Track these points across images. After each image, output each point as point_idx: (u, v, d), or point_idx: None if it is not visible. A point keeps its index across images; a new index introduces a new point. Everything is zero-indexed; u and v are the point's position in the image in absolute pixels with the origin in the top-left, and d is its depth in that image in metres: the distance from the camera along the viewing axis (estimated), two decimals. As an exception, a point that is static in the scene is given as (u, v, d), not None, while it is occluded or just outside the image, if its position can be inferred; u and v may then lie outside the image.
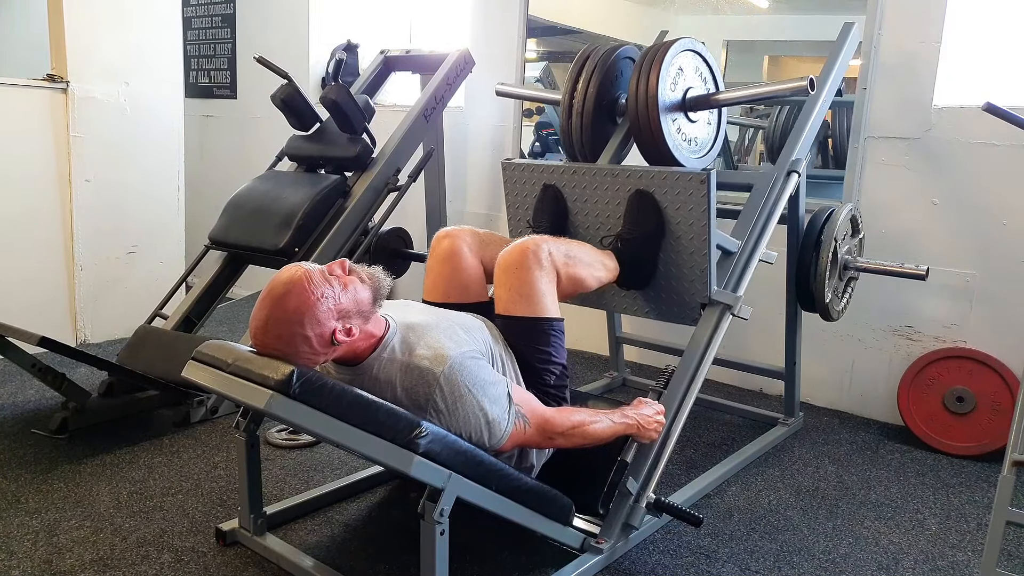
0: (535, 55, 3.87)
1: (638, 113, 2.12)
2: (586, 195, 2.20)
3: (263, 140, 4.16)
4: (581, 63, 2.29)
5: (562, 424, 1.71)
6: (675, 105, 2.16)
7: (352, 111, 2.94)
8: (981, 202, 2.65)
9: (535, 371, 1.81)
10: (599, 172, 2.16)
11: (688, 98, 2.19)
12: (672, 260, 2.10)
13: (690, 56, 2.21)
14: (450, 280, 1.95)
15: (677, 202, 2.04)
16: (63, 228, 3.34)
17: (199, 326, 3.00)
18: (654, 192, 2.06)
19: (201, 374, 1.49)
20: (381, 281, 1.58)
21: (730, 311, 2.06)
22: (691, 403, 1.98)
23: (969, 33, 2.70)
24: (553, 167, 2.26)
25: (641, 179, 2.08)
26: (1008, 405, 2.54)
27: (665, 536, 2.00)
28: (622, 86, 2.33)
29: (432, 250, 2.00)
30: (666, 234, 2.08)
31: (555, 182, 2.25)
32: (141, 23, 3.45)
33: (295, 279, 1.46)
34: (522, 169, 2.32)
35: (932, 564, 1.93)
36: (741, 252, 2.17)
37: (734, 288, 2.13)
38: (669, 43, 2.14)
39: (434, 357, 1.56)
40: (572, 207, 2.23)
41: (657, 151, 2.16)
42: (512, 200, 2.37)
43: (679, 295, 2.13)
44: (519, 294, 1.80)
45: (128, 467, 2.27)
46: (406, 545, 1.86)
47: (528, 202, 2.32)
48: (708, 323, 2.06)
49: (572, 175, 2.21)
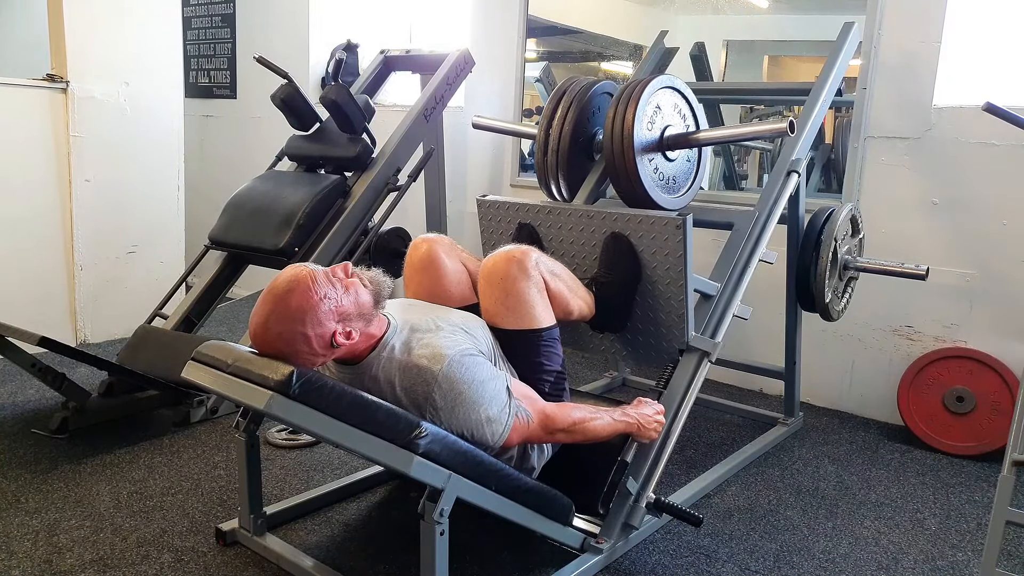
0: (535, 55, 3.88)
1: (614, 153, 2.08)
2: (562, 235, 2.15)
3: (263, 140, 4.16)
4: (558, 98, 2.25)
5: (564, 419, 1.71)
6: (652, 145, 2.11)
7: (352, 111, 2.94)
8: (981, 202, 2.65)
9: (528, 381, 1.77)
10: (574, 213, 2.10)
11: (666, 137, 2.14)
12: (649, 304, 2.03)
13: (668, 93, 2.17)
14: (430, 290, 1.88)
15: (653, 246, 1.97)
16: (63, 228, 3.34)
17: (199, 326, 3.00)
18: (630, 235, 2.00)
19: (201, 374, 1.49)
20: (382, 285, 1.59)
21: (708, 358, 2.01)
22: (691, 403, 1.98)
23: (969, 33, 2.70)
24: (528, 206, 2.21)
25: (616, 222, 2.02)
26: (1008, 405, 2.54)
27: (665, 536, 2.00)
28: (599, 122, 2.28)
29: (408, 260, 1.92)
30: (642, 278, 2.02)
31: (530, 221, 2.20)
32: (141, 23, 3.45)
33: (299, 278, 1.47)
34: (497, 207, 2.27)
35: (932, 564, 1.93)
36: (720, 295, 2.11)
37: (712, 334, 2.07)
38: (646, 80, 2.10)
39: (432, 356, 1.56)
40: (548, 246, 2.17)
41: (633, 192, 2.12)
42: (487, 237, 2.32)
43: (656, 340, 2.06)
44: (505, 307, 1.74)
45: (128, 467, 2.27)
46: (406, 545, 1.86)
47: (503, 240, 2.24)
48: (686, 370, 2.00)
49: (548, 215, 2.16)
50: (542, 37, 3.87)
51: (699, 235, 2.40)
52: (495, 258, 1.77)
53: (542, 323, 1.77)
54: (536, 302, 1.75)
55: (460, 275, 1.91)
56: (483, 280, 1.78)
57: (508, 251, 1.77)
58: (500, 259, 1.76)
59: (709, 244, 3.09)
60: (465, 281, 1.91)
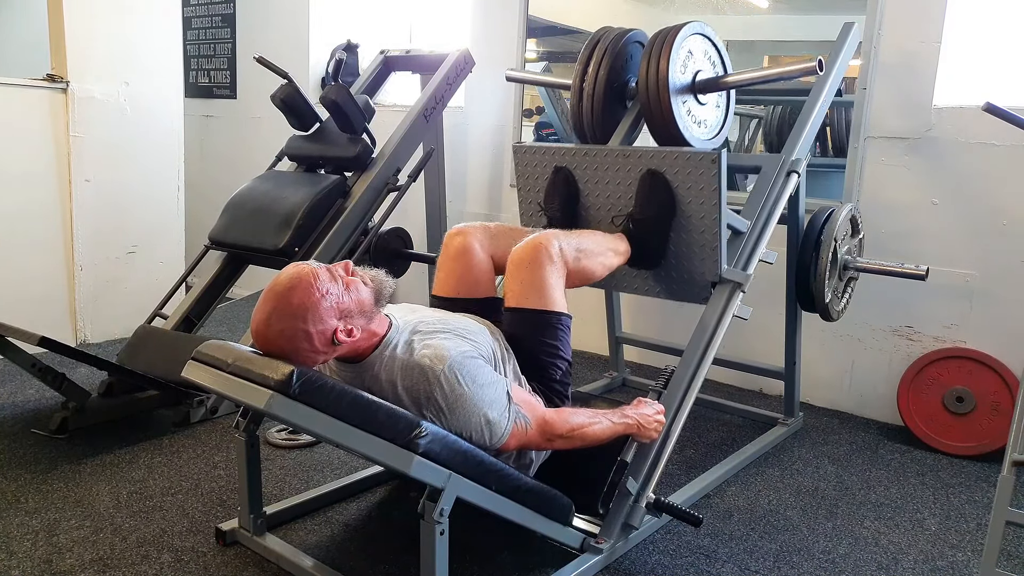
0: (535, 55, 3.87)
1: (649, 95, 2.16)
2: (597, 176, 2.22)
3: (263, 140, 4.16)
4: (591, 47, 2.31)
5: (562, 425, 1.71)
6: (685, 87, 2.20)
7: (352, 111, 2.94)
8: (981, 202, 2.65)
9: (542, 365, 1.83)
10: (611, 153, 2.19)
11: (697, 81, 2.22)
12: (683, 239, 2.12)
13: (699, 40, 2.23)
14: (461, 277, 1.97)
15: (688, 182, 2.06)
16: (63, 228, 3.34)
17: (199, 326, 3.00)
18: (665, 172, 2.09)
19: (201, 374, 1.49)
20: (384, 284, 1.59)
21: (740, 289, 2.09)
22: (691, 403, 1.98)
23: (969, 33, 2.70)
24: (564, 149, 2.28)
25: (652, 159, 2.10)
26: (1008, 405, 2.54)
27: (665, 536, 2.00)
28: (631, 70, 2.36)
29: (444, 247, 2.02)
30: (677, 214, 2.10)
31: (566, 164, 2.27)
32: (141, 23, 3.45)
33: (301, 275, 1.47)
34: (533, 152, 2.35)
35: (932, 564, 1.93)
36: (751, 232, 2.20)
37: (744, 267, 2.16)
38: (679, 27, 2.18)
39: (435, 356, 1.56)
40: (583, 188, 2.26)
41: (668, 132, 2.20)
42: (523, 183, 2.39)
43: (689, 274, 2.15)
44: (530, 287, 1.83)
45: (128, 467, 2.27)
46: (406, 545, 1.86)
47: (539, 184, 2.35)
48: (718, 302, 2.09)
49: (584, 156, 2.23)
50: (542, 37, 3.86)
51: None
52: (522, 246, 1.87)
53: (560, 308, 1.85)
54: (556, 287, 1.85)
55: (487, 268, 2.00)
56: (511, 264, 1.88)
57: (534, 238, 1.87)
58: (527, 245, 1.86)
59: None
60: (490, 275, 2.01)
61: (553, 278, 1.84)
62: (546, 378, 1.83)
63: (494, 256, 2.01)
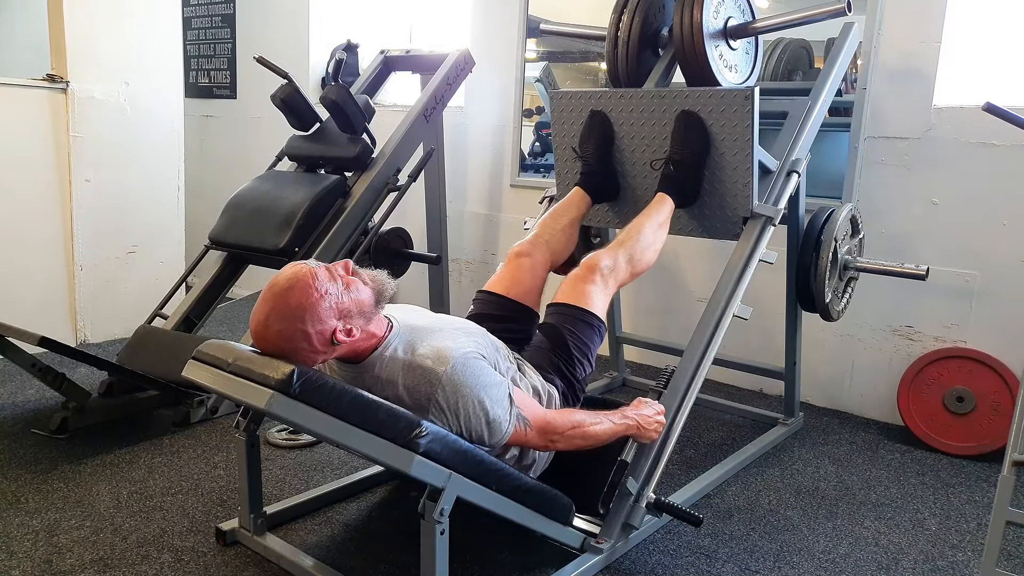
0: (535, 55, 3.87)
1: (683, 40, 2.26)
2: (632, 118, 2.28)
3: (263, 140, 4.17)
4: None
5: (562, 426, 1.71)
6: (717, 32, 2.29)
7: (352, 111, 2.94)
8: (981, 202, 2.65)
9: (571, 359, 1.89)
10: (646, 95, 2.25)
11: (729, 26, 2.31)
12: (716, 177, 2.19)
13: None
14: (517, 281, 2.06)
15: (722, 119, 2.12)
16: (63, 228, 3.34)
17: (199, 326, 3.00)
18: (699, 111, 2.15)
19: (201, 374, 1.49)
20: (384, 284, 1.59)
21: (771, 223, 2.17)
22: (691, 403, 1.98)
23: (969, 33, 2.70)
24: (601, 93, 2.35)
25: (687, 99, 2.17)
26: (1008, 405, 2.54)
27: (665, 536, 2.00)
28: (664, 20, 2.46)
29: (508, 260, 2.13)
30: (711, 152, 2.17)
31: (602, 107, 2.32)
32: (141, 23, 3.45)
33: (299, 275, 1.47)
34: (570, 97, 2.40)
35: (932, 564, 1.93)
36: (779, 171, 2.28)
37: (775, 203, 2.23)
38: None
39: (437, 357, 1.56)
40: (619, 131, 2.32)
41: (702, 76, 2.29)
42: (559, 128, 2.45)
43: (722, 210, 2.23)
44: (580, 292, 1.97)
45: (128, 467, 2.27)
46: (406, 545, 1.86)
47: (575, 130, 2.40)
48: (750, 235, 2.16)
49: (620, 99, 2.29)
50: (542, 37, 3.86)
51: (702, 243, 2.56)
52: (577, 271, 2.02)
53: (598, 313, 1.96)
54: (598, 299, 1.98)
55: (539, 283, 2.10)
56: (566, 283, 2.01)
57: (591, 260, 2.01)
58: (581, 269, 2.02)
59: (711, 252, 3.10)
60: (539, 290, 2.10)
61: (598, 293, 1.97)
62: (571, 374, 1.89)
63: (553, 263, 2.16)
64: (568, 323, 1.93)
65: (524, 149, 3.74)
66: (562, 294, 1.99)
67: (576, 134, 2.39)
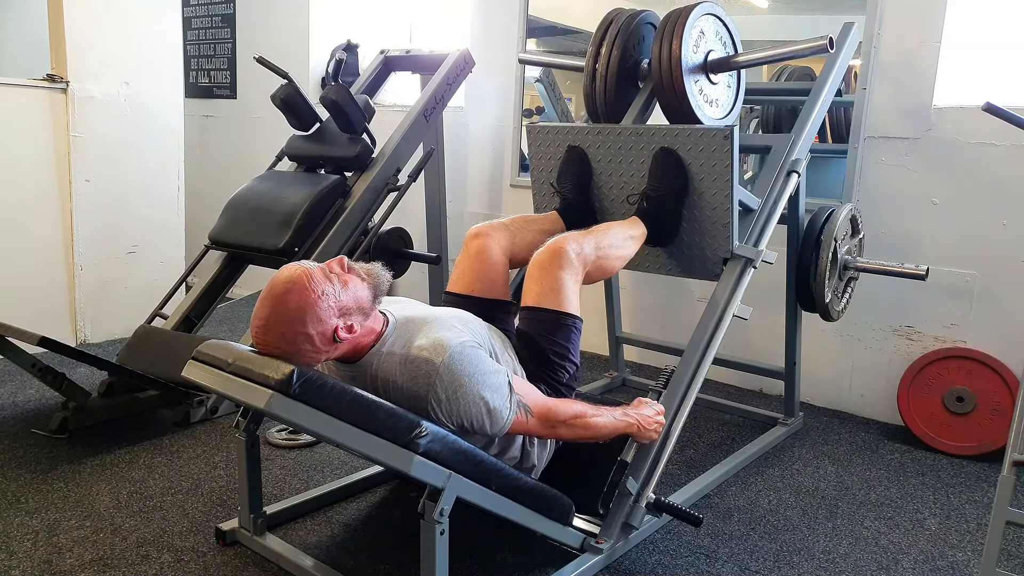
0: (535, 55, 3.87)
1: (662, 74, 2.20)
2: (611, 155, 2.25)
3: (263, 140, 4.16)
4: (604, 28, 2.34)
5: (564, 413, 1.71)
6: (697, 67, 2.23)
7: (352, 111, 2.94)
8: (981, 202, 2.65)
9: (551, 365, 1.84)
10: (624, 131, 2.21)
11: (709, 60, 2.26)
12: (695, 216, 2.15)
13: (711, 20, 2.26)
14: (478, 275, 2.00)
15: (701, 158, 2.08)
16: (63, 228, 3.34)
17: (199, 326, 3.00)
18: (678, 149, 2.11)
19: (201, 374, 1.49)
20: (380, 277, 1.59)
21: (752, 265, 2.12)
22: (691, 403, 1.98)
23: (969, 33, 2.70)
24: (578, 128, 2.31)
25: (666, 136, 2.13)
26: (1008, 405, 2.54)
27: (665, 536, 2.00)
28: (644, 51, 2.39)
29: (465, 246, 2.05)
30: (690, 191, 2.13)
31: (580, 143, 2.29)
32: (141, 23, 3.45)
33: (295, 277, 1.47)
34: (547, 132, 2.37)
35: (932, 564, 1.93)
36: (761, 209, 2.23)
37: (755, 243, 2.19)
38: (691, 7, 2.20)
39: (433, 348, 1.56)
40: (597, 167, 2.28)
41: (681, 111, 2.24)
42: (536, 163, 2.42)
43: (701, 250, 2.19)
44: (549, 288, 1.87)
45: (128, 467, 2.27)
46: (406, 545, 1.86)
47: (553, 164, 2.37)
48: (730, 277, 2.12)
49: (597, 135, 2.26)
50: (542, 37, 3.86)
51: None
52: (542, 252, 1.91)
53: (572, 310, 1.88)
54: (571, 291, 1.88)
55: (503, 270, 2.03)
56: (532, 268, 1.91)
57: (556, 243, 1.91)
58: (546, 251, 1.90)
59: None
60: (505, 278, 2.04)
61: (569, 281, 1.88)
62: (553, 379, 1.84)
63: (512, 254, 2.05)
64: (543, 330, 1.86)
65: (524, 149, 3.74)
66: (530, 293, 1.90)
67: (554, 168, 2.36)
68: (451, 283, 2.03)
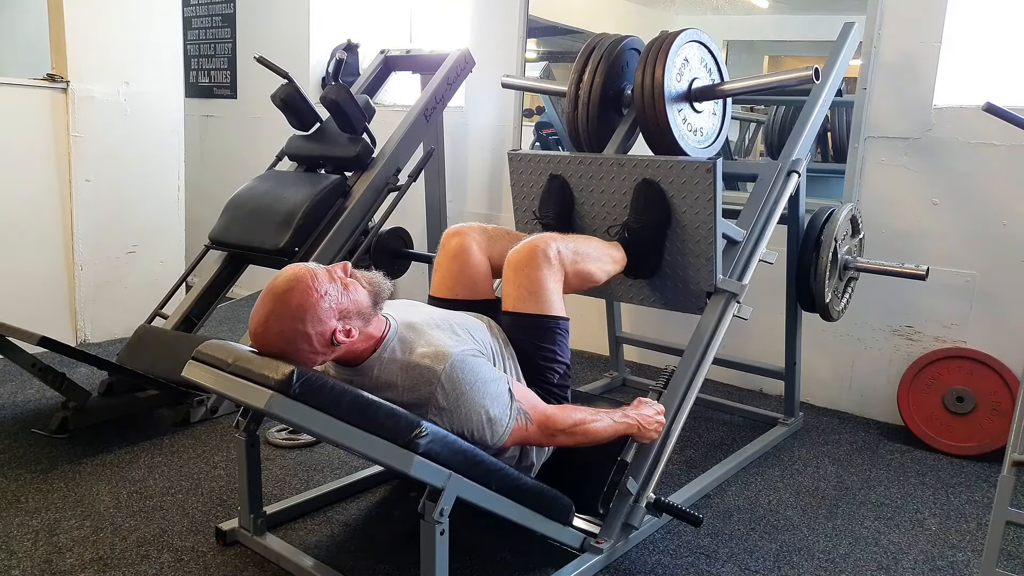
0: (535, 55, 3.87)
1: (644, 103, 2.14)
2: (592, 185, 2.21)
3: (263, 140, 4.16)
4: (587, 54, 2.30)
5: (564, 421, 1.71)
6: (681, 95, 2.18)
7: (352, 111, 2.94)
8: (981, 202, 2.65)
9: (539, 368, 1.82)
10: (605, 162, 2.17)
11: (693, 88, 2.21)
12: (678, 249, 2.11)
13: (695, 47, 2.22)
14: (458, 277, 1.96)
15: (683, 191, 2.05)
16: (63, 228, 3.34)
17: (199, 326, 3.00)
18: (660, 181, 2.08)
19: (201, 374, 1.49)
20: (382, 285, 1.59)
21: (735, 299, 2.08)
22: (691, 403, 1.98)
23: (969, 33, 2.70)
24: (560, 157, 2.27)
25: (648, 168, 2.09)
26: (1008, 405, 2.54)
27: (665, 536, 2.00)
28: (628, 77, 2.34)
29: (441, 247, 2.01)
30: (672, 223, 2.09)
31: (561, 172, 2.26)
32: (141, 23, 3.45)
33: (299, 276, 1.47)
34: (528, 160, 2.33)
35: (932, 564, 1.93)
36: (746, 241, 2.19)
37: (739, 277, 2.15)
38: (675, 34, 2.16)
39: (435, 355, 1.56)
40: (578, 197, 2.25)
41: (663, 141, 2.19)
42: (518, 191, 2.38)
43: (685, 284, 2.14)
44: (527, 291, 1.82)
45: (128, 467, 2.27)
46: (406, 545, 1.86)
47: (534, 192, 2.33)
48: (714, 312, 2.07)
49: (579, 165, 2.22)
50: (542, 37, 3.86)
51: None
52: (519, 249, 1.85)
53: (557, 312, 1.84)
54: (552, 291, 1.83)
55: (484, 269, 1.99)
56: (508, 268, 1.85)
57: (532, 241, 1.85)
58: (524, 248, 1.84)
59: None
60: (488, 277, 2.00)
61: (550, 282, 1.83)
62: (544, 382, 1.83)
63: (491, 258, 2.01)
64: (527, 336, 1.83)
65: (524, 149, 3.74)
66: (508, 297, 1.85)
67: (536, 196, 2.32)
68: (434, 287, 2.00)
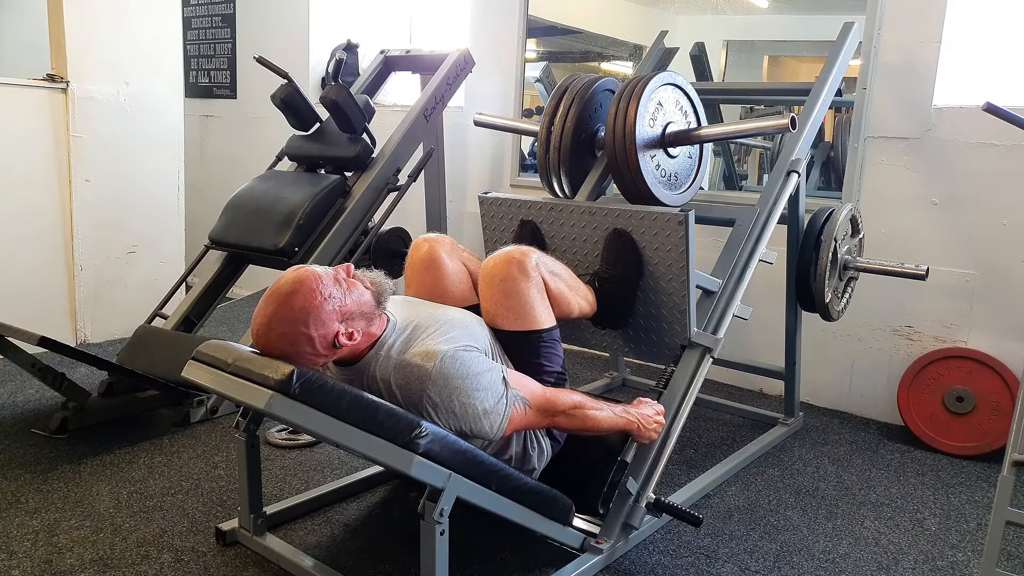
0: (535, 55, 3.88)
1: (616, 149, 2.07)
2: (564, 231, 2.15)
3: (263, 140, 4.16)
4: (559, 95, 2.24)
5: (564, 402, 1.70)
6: (654, 141, 2.11)
7: (352, 111, 2.94)
8: (981, 202, 2.65)
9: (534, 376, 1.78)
10: (576, 209, 2.11)
11: (668, 133, 2.14)
12: (651, 300, 2.04)
13: (670, 90, 2.17)
14: (431, 290, 1.90)
15: (655, 242, 1.98)
16: (63, 228, 3.34)
17: (199, 326, 3.00)
18: (632, 231, 2.01)
19: (201, 374, 1.49)
20: (384, 287, 1.60)
21: (710, 354, 2.01)
22: (691, 403, 1.98)
23: (969, 33, 2.70)
24: (531, 203, 2.21)
25: (619, 218, 2.03)
26: (1008, 405, 2.54)
27: (665, 536, 2.00)
28: (601, 119, 2.28)
29: (409, 260, 1.94)
30: (644, 274, 2.03)
31: (532, 217, 2.20)
32: (141, 23, 3.45)
33: (303, 278, 1.47)
34: (499, 204, 2.27)
35: (932, 564, 1.93)
36: (722, 292, 2.12)
37: (714, 330, 2.08)
38: (648, 76, 2.10)
39: (425, 354, 1.56)
40: (550, 243, 2.18)
41: (635, 188, 2.12)
42: (489, 234, 2.32)
43: (658, 336, 2.07)
44: (505, 308, 1.74)
45: (128, 467, 2.27)
46: (406, 545, 1.86)
47: (505, 236, 2.26)
48: (688, 366, 2.00)
49: (550, 211, 2.16)
50: (542, 37, 3.87)
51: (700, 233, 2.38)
52: (495, 259, 1.77)
53: (542, 324, 1.78)
54: (536, 303, 1.76)
55: (461, 275, 1.93)
56: (483, 281, 1.79)
57: (508, 252, 1.78)
58: (500, 260, 1.76)
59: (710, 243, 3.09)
60: (466, 281, 1.93)
61: (531, 293, 1.75)
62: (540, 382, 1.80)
63: (465, 261, 1.95)
64: (514, 351, 1.76)
65: (524, 149, 3.74)
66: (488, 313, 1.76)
67: (507, 240, 2.22)
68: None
